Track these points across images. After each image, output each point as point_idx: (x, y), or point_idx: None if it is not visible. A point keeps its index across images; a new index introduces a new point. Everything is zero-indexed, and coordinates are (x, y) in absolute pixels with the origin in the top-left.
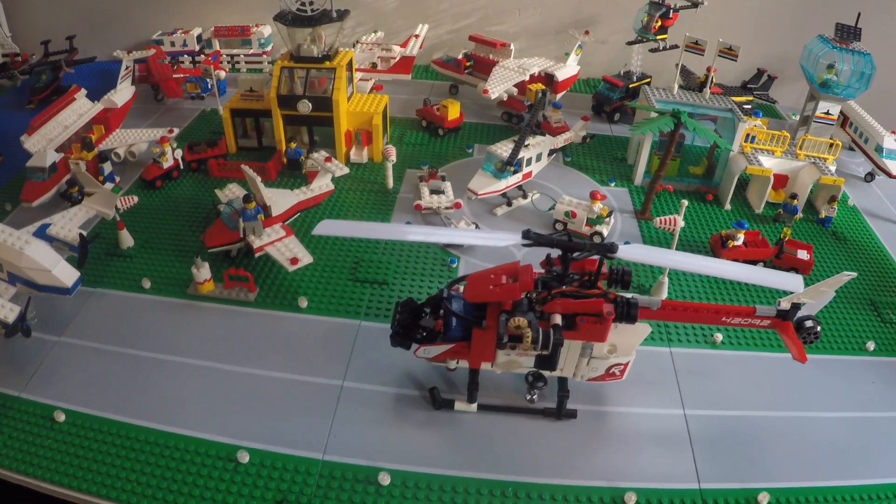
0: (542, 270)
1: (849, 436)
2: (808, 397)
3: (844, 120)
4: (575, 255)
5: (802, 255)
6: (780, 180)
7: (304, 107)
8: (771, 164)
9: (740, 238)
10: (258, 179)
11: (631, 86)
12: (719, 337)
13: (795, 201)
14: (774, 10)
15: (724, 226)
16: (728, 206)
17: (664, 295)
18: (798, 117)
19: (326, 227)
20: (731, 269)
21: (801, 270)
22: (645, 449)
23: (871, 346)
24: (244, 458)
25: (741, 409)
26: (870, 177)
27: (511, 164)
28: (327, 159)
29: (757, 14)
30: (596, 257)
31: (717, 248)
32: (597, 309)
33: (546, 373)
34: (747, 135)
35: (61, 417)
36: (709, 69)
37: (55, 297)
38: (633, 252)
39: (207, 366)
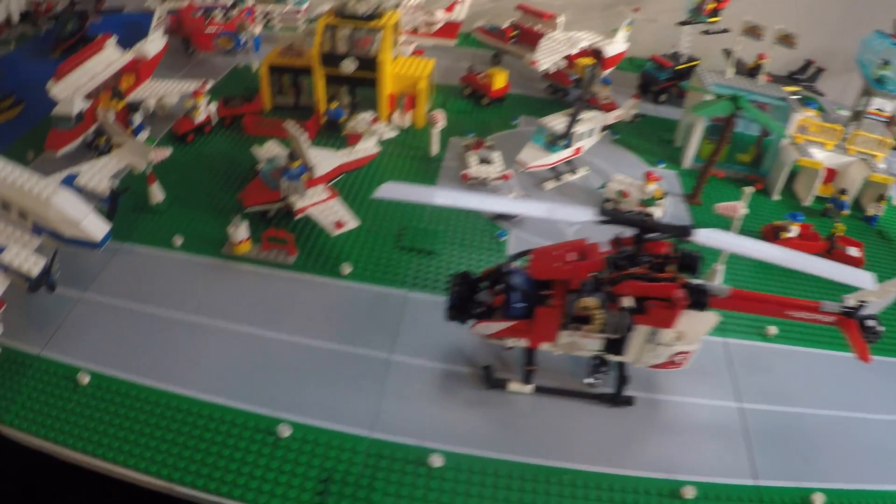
0: (611, 249)
1: None
2: (862, 398)
3: (891, 119)
4: (650, 236)
5: (853, 251)
6: (830, 174)
7: (349, 66)
8: (821, 157)
9: (794, 230)
10: (303, 137)
11: (678, 67)
12: (773, 330)
13: (845, 196)
14: (827, 1)
15: (773, 216)
16: (777, 197)
17: (719, 282)
18: (843, 112)
19: (389, 190)
20: (807, 262)
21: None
22: (700, 441)
23: None
24: (285, 431)
25: (795, 406)
26: None
27: (566, 137)
28: (374, 120)
29: (808, 4)
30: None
31: (770, 238)
32: (668, 294)
33: (613, 357)
34: (800, 126)
35: (85, 379)
36: (761, 56)
37: (80, 250)
38: (713, 237)
39: (243, 330)
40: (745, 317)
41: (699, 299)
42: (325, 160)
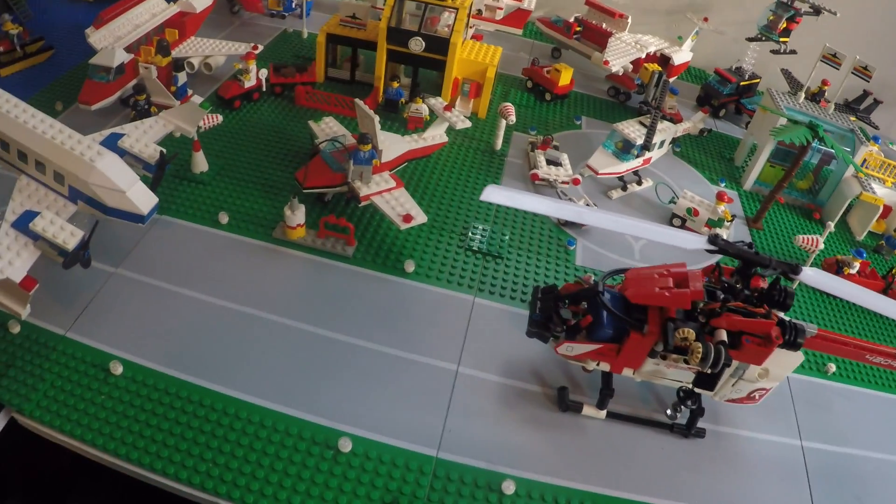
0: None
1: None
2: None
3: None
4: (758, 270)
5: None
6: (885, 211)
7: (417, 45)
8: (880, 193)
9: (856, 266)
10: (377, 119)
11: (742, 83)
12: (832, 367)
13: None
14: (890, 30)
15: (828, 248)
16: (832, 229)
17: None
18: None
19: (492, 194)
20: None
21: None
22: (764, 479)
23: None
24: (346, 446)
25: (854, 447)
26: None
27: (647, 147)
28: (447, 107)
29: (870, 34)
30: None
31: (832, 272)
32: (765, 331)
33: (704, 391)
34: (863, 159)
35: (118, 369)
36: (825, 82)
37: (118, 222)
38: (818, 279)
39: (297, 326)
40: (807, 352)
41: (794, 338)
42: (392, 145)
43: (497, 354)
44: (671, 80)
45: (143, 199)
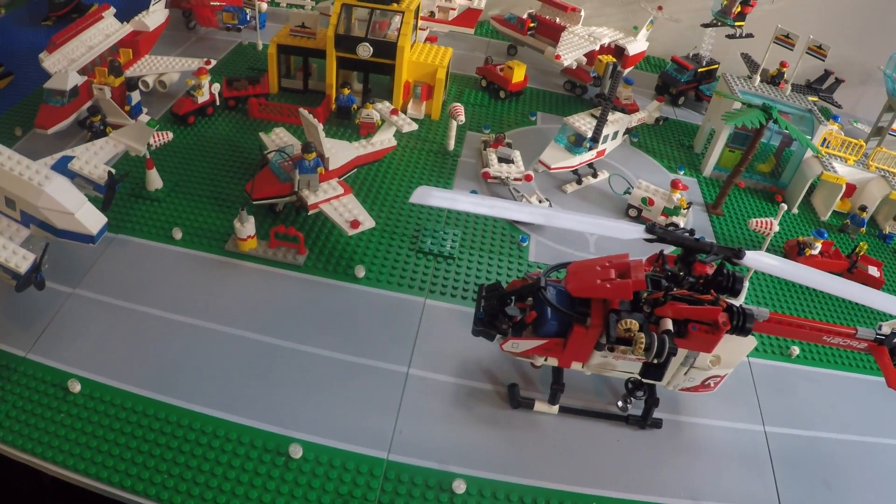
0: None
1: None
2: (890, 423)
3: None
4: (700, 257)
5: (873, 271)
6: (850, 190)
7: (365, 50)
8: (843, 171)
9: (818, 247)
10: (320, 127)
11: (700, 70)
12: (796, 350)
13: (864, 213)
14: (848, 11)
15: (792, 230)
16: (795, 210)
17: (740, 301)
18: (858, 124)
19: (423, 195)
20: (858, 293)
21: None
22: (727, 466)
23: None
24: (297, 452)
25: (819, 430)
26: None
27: (597, 140)
28: (394, 111)
29: (828, 13)
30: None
31: (793, 254)
32: (712, 317)
33: (652, 381)
34: (823, 139)
35: (76, 387)
36: (783, 64)
37: (67, 242)
38: (762, 261)
39: (250, 337)
40: (768, 336)
41: (743, 323)
42: (339, 152)
43: (448, 355)
44: (627, 70)
45: (91, 219)
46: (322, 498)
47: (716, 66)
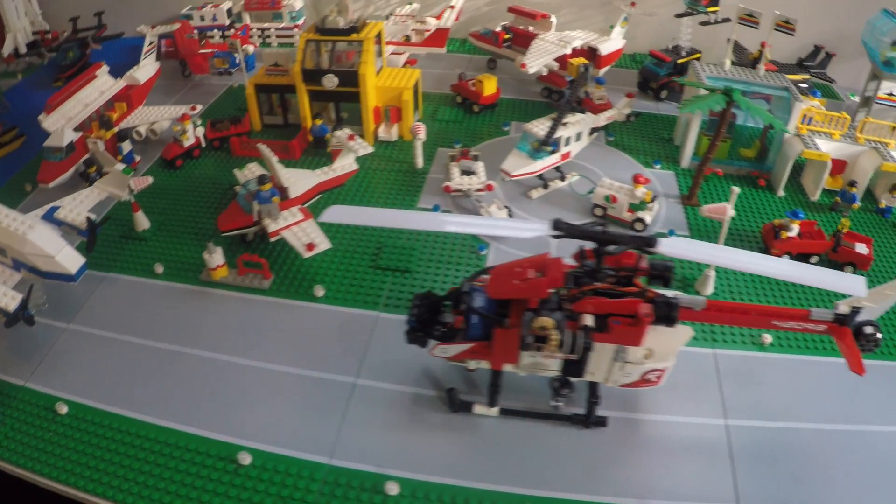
0: (575, 264)
1: None
2: (867, 409)
3: None
4: (610, 248)
5: (861, 248)
6: (839, 166)
7: (330, 81)
8: (829, 148)
9: (795, 229)
10: (275, 159)
11: (679, 61)
12: (769, 338)
13: (854, 189)
14: None
15: (778, 213)
16: (782, 193)
17: (710, 290)
18: (857, 98)
19: (335, 214)
20: (786, 268)
21: (858, 265)
22: (680, 462)
23: None
24: (246, 459)
25: (790, 421)
26: None
27: (547, 143)
28: (350, 137)
29: None
30: (634, 251)
31: (770, 238)
32: (632, 310)
33: (574, 378)
34: (804, 116)
35: (63, 410)
36: (763, 44)
37: (69, 284)
38: (676, 246)
39: (216, 358)
40: (737, 327)
41: (667, 314)
42: (300, 180)
43: (394, 364)
44: (603, 70)
45: (71, 261)
46: (265, 500)
47: (697, 55)
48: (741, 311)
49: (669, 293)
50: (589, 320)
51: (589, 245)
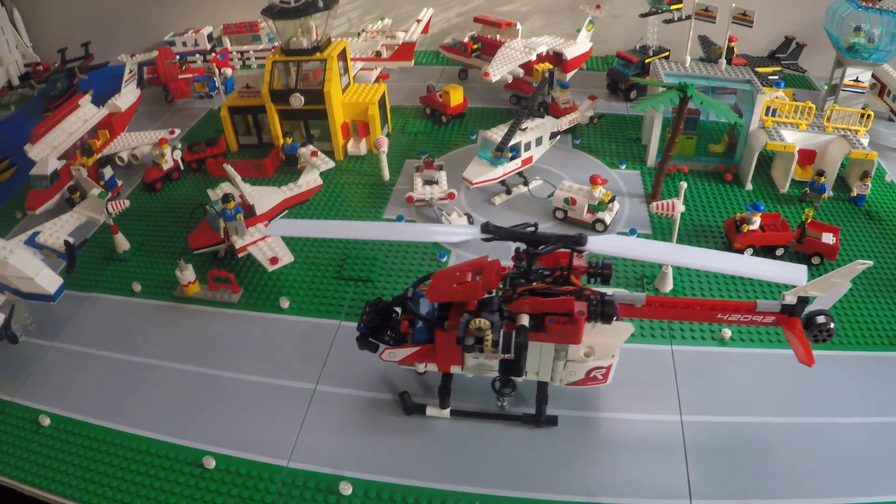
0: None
1: (873, 444)
2: (825, 399)
3: (882, 88)
4: (540, 248)
5: (828, 238)
6: (807, 156)
7: (296, 100)
8: (795, 138)
9: (756, 222)
10: (239, 178)
11: (647, 61)
12: (728, 333)
13: (823, 179)
14: None
15: (743, 208)
16: (749, 186)
17: (669, 287)
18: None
19: (279, 228)
20: (722, 261)
21: (825, 255)
22: (632, 460)
23: None
24: (210, 463)
25: (747, 415)
26: None
27: (502, 149)
28: (313, 154)
29: None
30: (566, 250)
31: (732, 232)
32: (567, 308)
33: (519, 379)
34: (768, 108)
35: (46, 422)
36: (731, 38)
37: (50, 303)
38: (606, 244)
39: (187, 370)
40: (693, 322)
41: (603, 311)
42: (265, 197)
43: (353, 370)
44: (570, 74)
45: (49, 282)
46: (227, 502)
47: (666, 53)
48: (684, 305)
49: (608, 290)
50: (524, 320)
51: (522, 246)
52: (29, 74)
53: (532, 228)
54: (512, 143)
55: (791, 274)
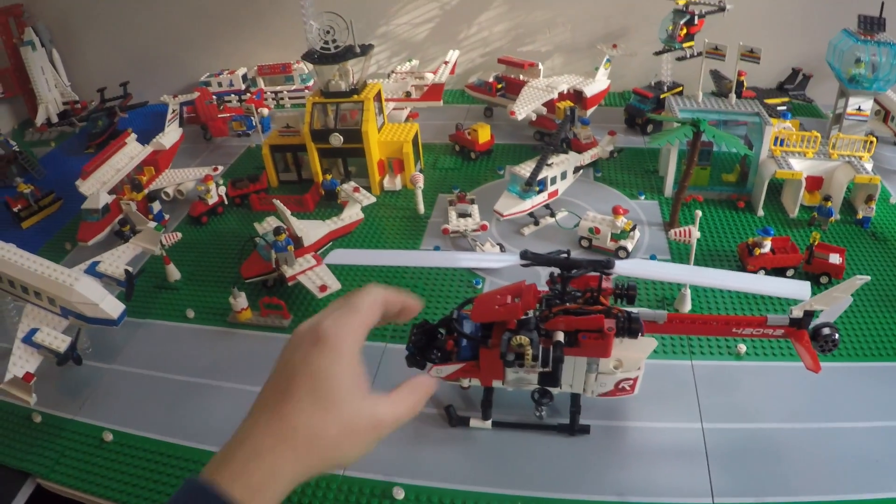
0: (548, 289)
1: (879, 446)
2: (835, 407)
3: (886, 114)
4: (572, 272)
5: (834, 259)
6: (815, 182)
7: (336, 140)
8: (803, 166)
9: (767, 245)
10: (288, 212)
11: (662, 96)
12: (743, 348)
13: (830, 203)
14: (804, 6)
15: (756, 233)
16: (761, 213)
17: (688, 307)
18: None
19: (338, 257)
20: (732, 279)
21: (833, 275)
22: (658, 464)
23: None
24: None
25: (763, 422)
26: None
27: (531, 184)
28: (355, 189)
29: (787, 12)
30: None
31: (745, 256)
32: (597, 325)
33: (555, 390)
34: (776, 138)
35: (109, 437)
36: (741, 73)
37: (106, 328)
38: (630, 268)
39: (243, 388)
40: (715, 338)
41: (630, 327)
42: (312, 230)
43: None
44: (590, 111)
45: (112, 307)
46: None
47: (679, 88)
48: (701, 321)
49: (633, 309)
50: (559, 336)
51: (557, 271)
52: (67, 112)
53: (565, 255)
54: (539, 177)
55: (796, 290)
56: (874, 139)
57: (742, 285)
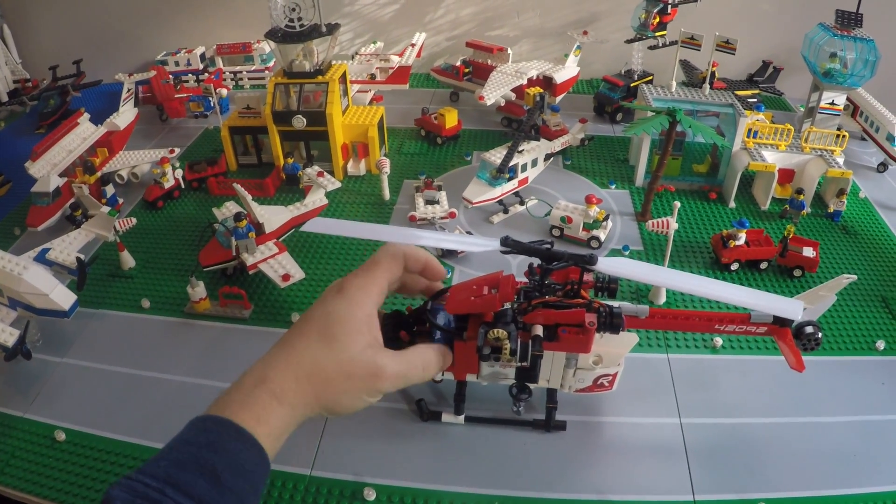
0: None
1: (857, 441)
2: (812, 401)
3: (855, 109)
4: (553, 265)
5: (808, 252)
6: (787, 175)
7: (299, 122)
8: (775, 158)
9: (741, 237)
10: (249, 197)
11: (632, 85)
12: (719, 341)
13: (802, 196)
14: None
15: (728, 224)
16: (732, 204)
17: (662, 300)
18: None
19: (317, 225)
20: (724, 291)
21: (806, 268)
22: (637, 460)
23: (881, 345)
24: None
25: (741, 417)
26: (882, 167)
27: (503, 171)
28: (319, 174)
29: (759, 4)
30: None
31: (719, 248)
32: (578, 319)
33: (532, 385)
34: (749, 130)
35: (62, 436)
36: (714, 63)
37: (57, 320)
38: (614, 266)
39: (202, 383)
40: (687, 333)
41: (611, 322)
42: (274, 216)
43: None
44: (559, 97)
45: (63, 298)
46: None
47: (650, 77)
48: (684, 317)
49: (615, 303)
50: (538, 330)
51: (536, 262)
52: (18, 91)
53: (548, 245)
54: (510, 164)
55: (787, 308)
56: (846, 134)
57: (737, 298)
